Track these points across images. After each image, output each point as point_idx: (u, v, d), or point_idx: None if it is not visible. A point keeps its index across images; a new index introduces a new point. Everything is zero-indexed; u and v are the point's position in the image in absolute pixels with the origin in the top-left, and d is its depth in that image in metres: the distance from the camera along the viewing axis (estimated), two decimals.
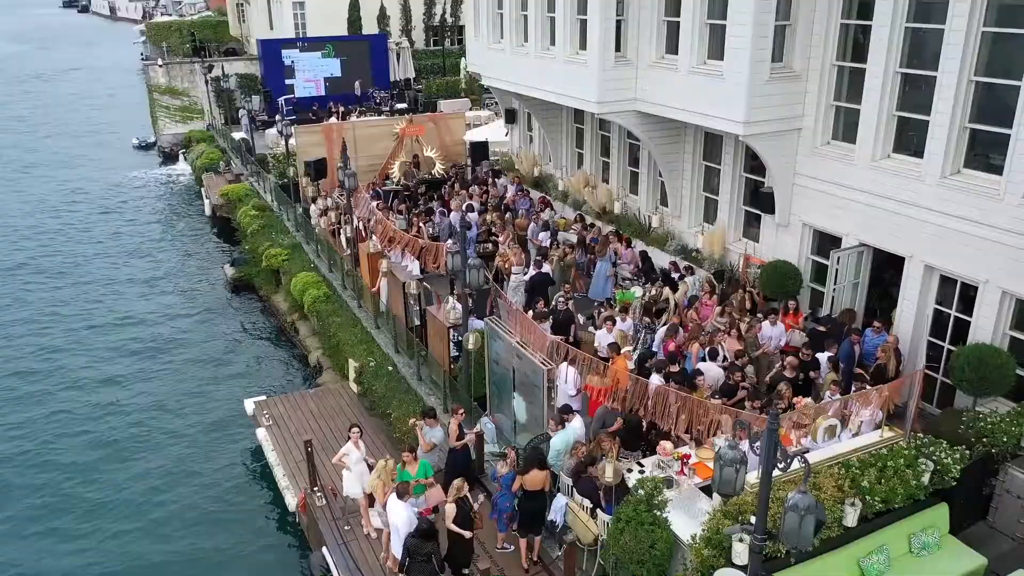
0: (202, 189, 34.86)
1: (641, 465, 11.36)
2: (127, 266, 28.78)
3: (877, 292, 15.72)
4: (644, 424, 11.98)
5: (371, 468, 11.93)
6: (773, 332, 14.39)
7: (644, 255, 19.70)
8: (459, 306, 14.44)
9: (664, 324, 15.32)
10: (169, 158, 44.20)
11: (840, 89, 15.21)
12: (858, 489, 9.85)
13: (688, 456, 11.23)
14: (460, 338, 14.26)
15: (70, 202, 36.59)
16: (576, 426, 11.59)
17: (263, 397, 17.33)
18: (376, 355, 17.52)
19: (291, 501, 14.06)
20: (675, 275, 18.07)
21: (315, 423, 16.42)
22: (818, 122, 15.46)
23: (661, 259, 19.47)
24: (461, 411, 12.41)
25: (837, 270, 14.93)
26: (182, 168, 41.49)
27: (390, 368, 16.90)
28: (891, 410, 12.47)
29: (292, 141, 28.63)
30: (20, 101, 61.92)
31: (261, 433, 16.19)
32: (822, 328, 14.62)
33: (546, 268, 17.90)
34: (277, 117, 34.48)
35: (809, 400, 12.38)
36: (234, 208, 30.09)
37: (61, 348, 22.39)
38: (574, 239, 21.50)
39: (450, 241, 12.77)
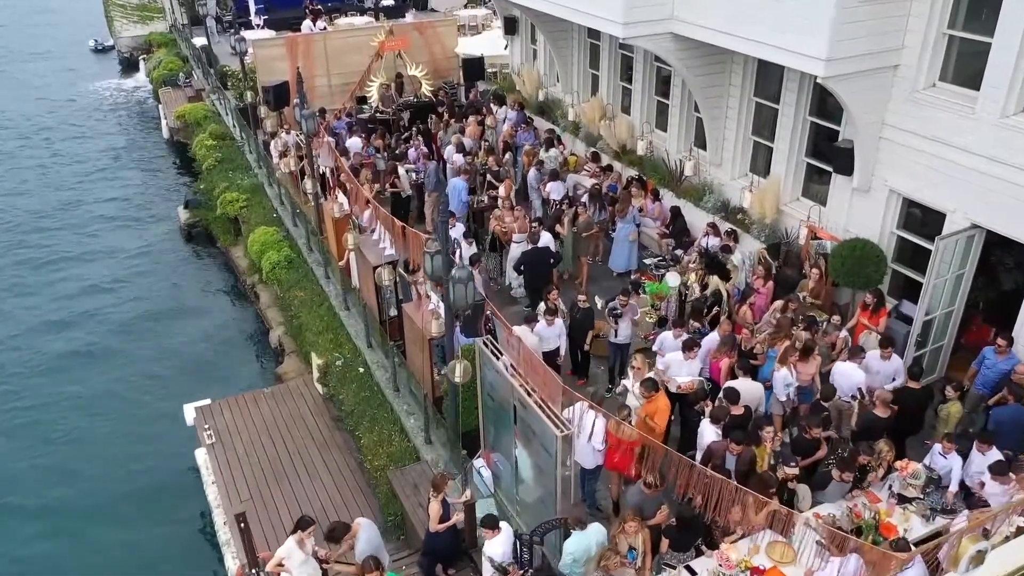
0: (160, 107, 30.58)
1: (693, 573, 8.18)
2: (62, 203, 24.81)
3: (981, 281, 12.26)
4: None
5: (322, 563, 8.79)
6: (884, 367, 10.61)
7: (676, 212, 16.01)
8: (442, 307, 10.95)
9: (706, 327, 11.82)
10: (129, 65, 39.40)
11: (957, 13, 11.18)
12: None
13: (760, 570, 8.03)
14: (444, 359, 10.86)
15: (7, 121, 32.23)
16: (597, 530, 8.36)
17: (207, 401, 13.99)
18: (345, 349, 14.17)
19: (231, 565, 11.01)
20: (711, 240, 14.42)
21: (269, 438, 13.23)
22: (924, 57, 11.48)
23: (694, 217, 15.83)
24: (447, 482, 9.15)
25: (939, 259, 11.34)
26: (143, 78, 36.82)
27: (361, 370, 13.58)
28: None
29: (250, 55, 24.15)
30: None
31: (201, 456, 13.04)
32: None
33: (545, 239, 14.13)
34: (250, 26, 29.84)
35: (919, 467, 9.09)
36: (192, 133, 26.07)
37: None
38: (588, 183, 17.73)
39: (432, 241, 9.15)
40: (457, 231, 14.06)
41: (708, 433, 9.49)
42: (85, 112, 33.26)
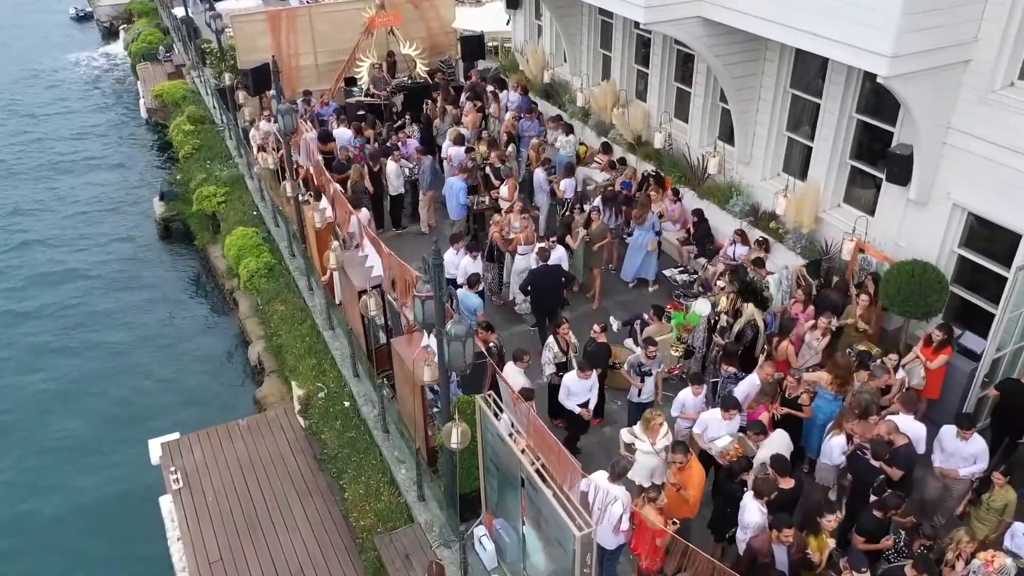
0: (138, 84, 28.62)
1: None
2: (26, 189, 22.90)
3: None
4: None
5: None
6: (960, 448, 8.64)
7: (700, 215, 14.32)
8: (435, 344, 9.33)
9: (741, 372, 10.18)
10: (110, 35, 37.25)
11: None
12: None
13: None
14: (438, 408, 9.30)
15: None
16: None
17: (175, 436, 12.51)
18: (329, 376, 12.62)
19: None
20: (739, 249, 12.81)
21: (243, 480, 11.78)
22: (1003, 51, 9.75)
23: (719, 221, 14.19)
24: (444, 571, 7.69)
25: (1016, 291, 9.73)
26: (121, 51, 34.69)
27: (346, 404, 12.04)
28: None
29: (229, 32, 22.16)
30: None
31: (166, 504, 11.57)
32: None
33: (557, 254, 12.41)
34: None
35: (1007, 561, 7.57)
36: (170, 115, 24.25)
37: None
38: (598, 177, 16.03)
39: (424, 283, 7.53)
40: (460, 257, 12.28)
41: (752, 511, 7.96)
42: (60, 86, 31.23)
